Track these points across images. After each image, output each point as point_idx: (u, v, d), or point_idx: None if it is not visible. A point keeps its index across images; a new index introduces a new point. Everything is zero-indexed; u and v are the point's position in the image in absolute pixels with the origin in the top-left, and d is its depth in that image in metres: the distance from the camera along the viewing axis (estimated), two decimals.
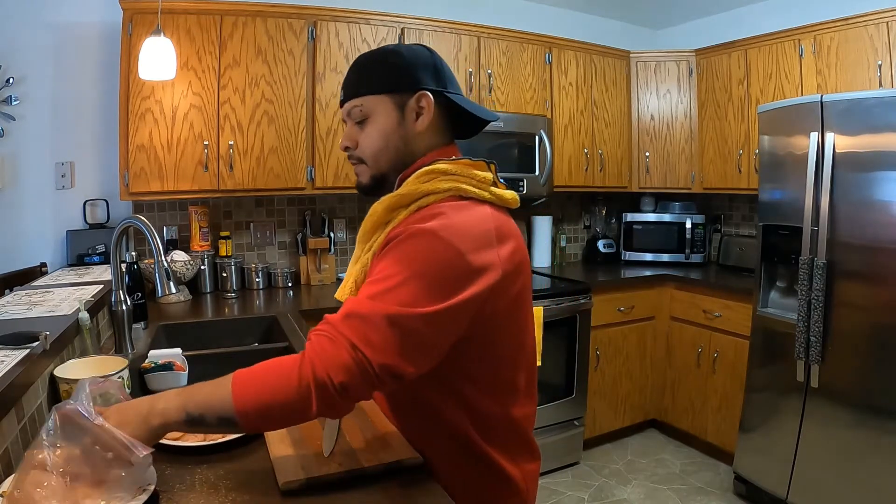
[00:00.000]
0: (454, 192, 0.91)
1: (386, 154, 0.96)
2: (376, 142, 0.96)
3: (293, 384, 0.77)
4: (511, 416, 0.96)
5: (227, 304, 2.46)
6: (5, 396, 0.87)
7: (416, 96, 0.95)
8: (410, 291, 0.80)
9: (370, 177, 0.99)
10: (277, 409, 0.78)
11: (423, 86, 0.96)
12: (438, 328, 0.82)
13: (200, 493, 0.84)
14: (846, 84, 2.63)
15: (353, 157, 1.00)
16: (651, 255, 3.57)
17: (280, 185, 2.57)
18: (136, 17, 2.27)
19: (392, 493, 0.86)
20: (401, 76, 0.95)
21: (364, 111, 0.96)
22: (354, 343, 0.77)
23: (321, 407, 0.78)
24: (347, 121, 1.00)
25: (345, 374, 0.77)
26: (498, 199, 0.95)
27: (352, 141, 0.99)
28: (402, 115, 0.95)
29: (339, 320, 0.80)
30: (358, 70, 0.98)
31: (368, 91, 0.95)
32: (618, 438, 3.27)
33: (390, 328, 0.78)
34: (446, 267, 0.82)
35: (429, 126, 0.97)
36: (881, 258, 2.09)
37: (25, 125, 2.43)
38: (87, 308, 1.42)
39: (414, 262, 0.82)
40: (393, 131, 0.95)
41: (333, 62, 2.62)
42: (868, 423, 2.13)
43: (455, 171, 0.93)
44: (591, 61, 3.33)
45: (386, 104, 0.95)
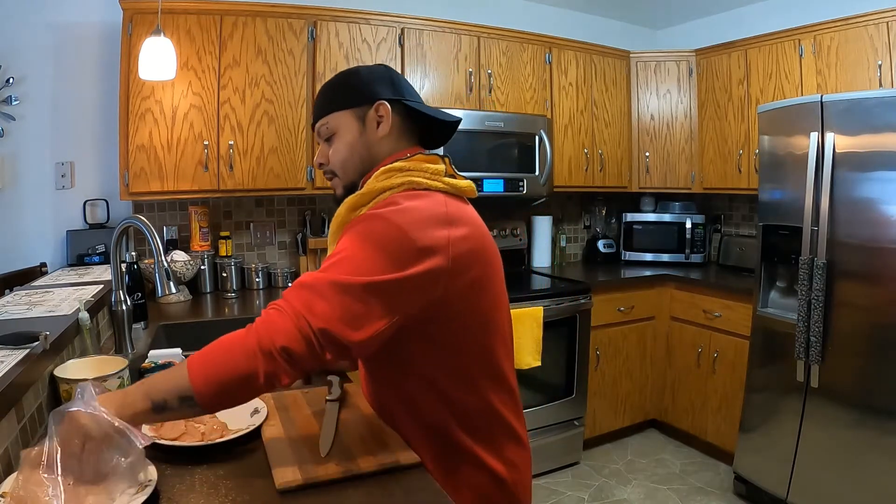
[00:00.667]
0: (408, 186, 0.96)
1: (352, 163, 1.04)
2: (343, 153, 1.04)
3: (240, 355, 0.81)
4: (490, 405, 1.00)
5: (227, 304, 2.46)
6: (5, 396, 0.87)
7: (374, 106, 1.02)
8: (356, 263, 0.85)
9: (342, 187, 1.06)
10: (229, 380, 0.81)
11: (380, 96, 1.02)
12: (381, 299, 0.85)
13: (200, 493, 0.84)
14: (846, 84, 2.63)
15: (328, 172, 1.08)
16: (651, 255, 3.57)
17: (280, 185, 2.57)
18: (136, 17, 2.27)
19: (390, 493, 0.86)
20: (359, 91, 1.03)
21: (330, 128, 1.04)
22: (298, 310, 0.83)
23: (268, 374, 0.81)
24: (319, 141, 1.08)
25: (287, 339, 0.81)
26: (452, 187, 1.00)
27: (324, 157, 1.07)
28: (364, 126, 1.03)
29: (289, 292, 0.86)
30: (323, 93, 1.07)
31: (332, 109, 1.04)
32: (618, 438, 3.27)
33: (334, 295, 0.83)
34: (392, 243, 0.86)
35: (389, 132, 1.03)
36: (881, 258, 2.09)
37: (25, 125, 2.43)
38: (87, 308, 1.42)
39: (362, 239, 0.88)
40: (356, 141, 1.03)
41: (333, 62, 2.62)
42: (868, 423, 2.13)
43: (409, 167, 0.99)
44: (591, 61, 3.33)
45: (348, 118, 1.03)
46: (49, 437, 0.76)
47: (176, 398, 0.81)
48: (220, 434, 1.00)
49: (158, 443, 0.95)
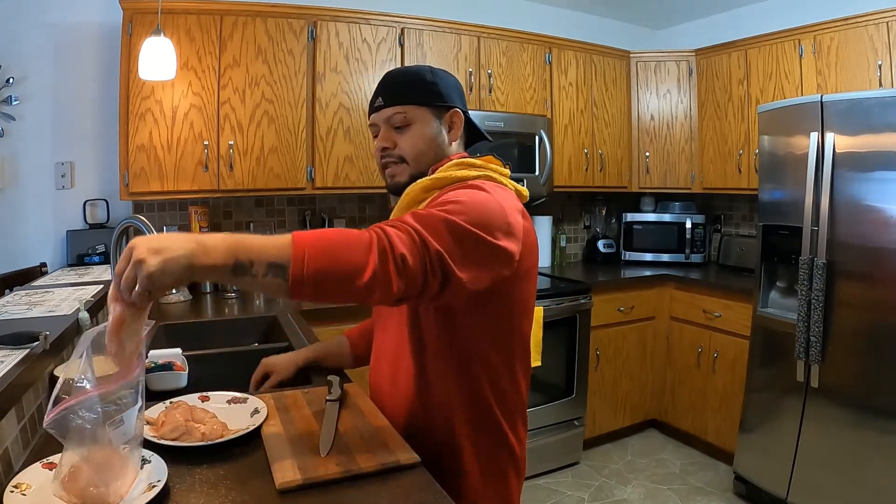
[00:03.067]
0: (484, 178, 1.04)
1: (427, 156, 1.09)
2: (420, 145, 1.08)
3: (355, 244, 0.79)
4: (519, 387, 1.09)
5: (227, 304, 2.46)
6: (5, 396, 0.88)
7: (450, 112, 1.11)
8: (464, 215, 0.88)
9: (410, 175, 1.09)
10: (334, 264, 0.77)
11: (456, 105, 1.12)
12: (482, 253, 0.90)
13: (200, 493, 0.84)
14: (846, 84, 2.63)
15: (392, 157, 1.10)
16: (651, 255, 3.57)
17: (280, 185, 2.57)
18: (136, 18, 2.27)
19: (390, 493, 0.86)
20: (440, 94, 1.10)
21: (407, 118, 1.08)
22: (417, 229, 0.84)
23: (376, 274, 0.78)
24: (382, 125, 1.10)
25: (406, 249, 0.81)
26: (515, 190, 1.10)
27: (391, 143, 1.09)
28: (440, 127, 1.10)
29: (403, 218, 0.87)
30: (399, 82, 1.10)
31: (411, 102, 1.08)
32: (618, 438, 3.27)
33: (447, 231, 0.86)
34: (491, 212, 0.92)
35: (457, 138, 1.14)
36: (881, 258, 2.09)
37: (25, 125, 2.43)
38: (87, 308, 1.42)
39: (467, 198, 0.93)
40: (433, 138, 1.09)
41: (333, 62, 2.62)
42: (868, 423, 2.13)
43: (482, 164, 1.08)
44: (591, 61, 3.33)
45: (427, 114, 1.09)
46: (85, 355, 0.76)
47: (265, 263, 0.75)
48: (220, 434, 1.00)
49: (158, 443, 0.95)
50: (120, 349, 0.80)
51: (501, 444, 1.07)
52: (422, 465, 0.94)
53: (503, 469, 1.08)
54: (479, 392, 1.04)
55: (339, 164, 2.66)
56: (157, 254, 0.73)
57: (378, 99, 1.10)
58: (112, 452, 0.77)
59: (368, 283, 0.78)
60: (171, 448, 0.95)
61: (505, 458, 1.08)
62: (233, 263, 0.75)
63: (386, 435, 1.01)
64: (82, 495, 0.76)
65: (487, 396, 1.04)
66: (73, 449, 0.75)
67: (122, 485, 0.78)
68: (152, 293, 0.76)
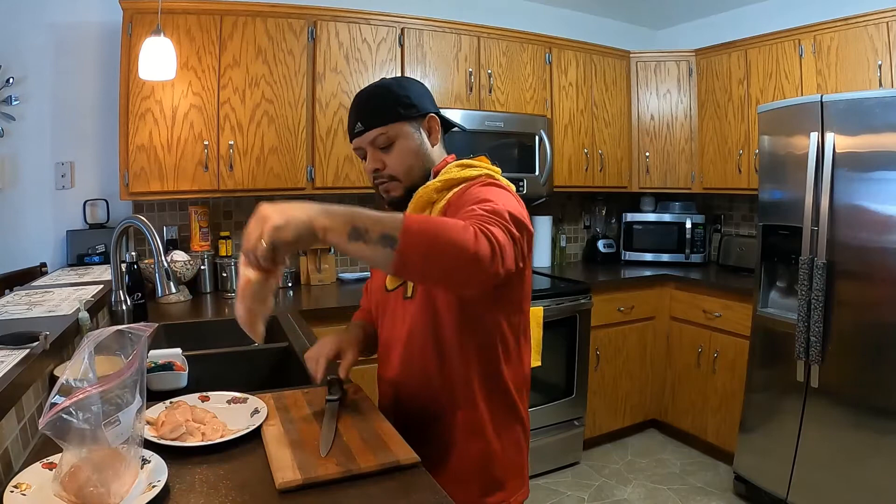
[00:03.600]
0: (485, 177, 1.12)
1: (417, 168, 1.15)
2: (409, 159, 1.14)
3: (461, 223, 0.85)
4: (525, 366, 1.18)
5: (227, 304, 2.46)
6: (5, 396, 0.88)
7: (426, 119, 1.17)
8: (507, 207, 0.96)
9: (404, 189, 1.15)
10: (444, 232, 0.83)
11: (430, 110, 1.17)
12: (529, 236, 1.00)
13: (200, 493, 0.84)
14: (846, 84, 2.63)
15: (383, 177, 1.15)
16: (651, 255, 3.57)
17: (280, 185, 2.57)
18: (136, 17, 2.27)
19: (390, 493, 0.86)
20: (413, 105, 1.14)
21: (390, 137, 1.13)
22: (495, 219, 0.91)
23: (485, 242, 0.84)
24: (367, 148, 1.15)
25: (499, 232, 0.88)
26: (508, 187, 1.15)
27: (380, 163, 1.14)
28: (421, 136, 1.16)
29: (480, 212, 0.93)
30: (372, 103, 1.14)
31: (389, 120, 1.12)
32: (618, 438, 3.27)
33: (510, 219, 0.93)
34: (516, 206, 1.00)
35: (437, 141, 1.20)
36: (881, 258, 2.09)
37: (25, 125, 2.43)
38: (87, 308, 1.42)
39: (495, 196, 1.01)
40: (417, 149, 1.15)
41: (333, 62, 2.62)
42: (868, 423, 2.13)
43: (479, 164, 1.16)
44: (591, 61, 3.33)
45: (407, 128, 1.14)
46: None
47: (378, 232, 0.81)
48: (220, 434, 1.00)
49: (158, 443, 0.95)
50: (247, 314, 0.92)
51: (515, 417, 1.17)
52: (422, 465, 0.94)
53: (517, 440, 1.18)
54: (496, 368, 1.12)
55: (339, 164, 2.66)
56: (281, 212, 0.81)
57: (357, 125, 1.14)
58: (112, 452, 0.77)
59: (477, 249, 0.83)
60: (171, 448, 0.95)
61: (519, 430, 1.18)
62: (350, 228, 0.82)
63: (386, 435, 1.01)
64: (82, 495, 0.76)
65: (503, 371, 1.13)
66: (71, 449, 0.75)
67: (122, 485, 0.78)
68: (276, 252, 0.82)
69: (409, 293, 1.13)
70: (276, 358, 1.73)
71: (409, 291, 1.13)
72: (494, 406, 1.13)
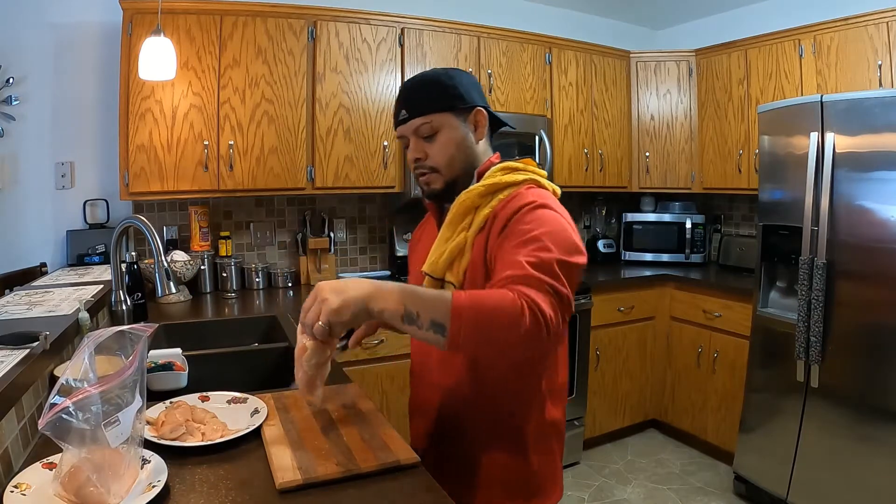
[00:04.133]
0: (530, 182, 1.10)
1: (459, 161, 1.12)
2: (451, 151, 1.11)
3: (508, 299, 0.86)
4: (559, 371, 1.14)
5: (227, 304, 2.46)
6: (5, 396, 0.88)
7: (473, 112, 1.14)
8: (556, 248, 0.95)
9: (444, 182, 1.13)
10: (493, 318, 0.85)
11: (478, 103, 1.14)
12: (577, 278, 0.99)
13: (200, 493, 0.84)
14: (846, 84, 2.63)
15: (424, 167, 1.13)
16: (651, 255, 3.57)
17: (280, 185, 2.57)
18: (136, 17, 2.27)
19: (390, 493, 0.86)
20: (461, 96, 1.12)
21: (433, 126, 1.10)
22: (545, 281, 0.90)
23: (532, 321, 0.85)
24: (411, 137, 1.13)
25: (546, 304, 0.88)
26: (553, 192, 1.14)
27: (422, 153, 1.12)
28: (466, 129, 1.13)
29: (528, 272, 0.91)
30: (419, 91, 1.12)
31: (435, 110, 1.10)
32: (618, 438, 3.27)
33: (560, 270, 0.93)
34: (567, 235, 0.99)
35: (483, 136, 1.17)
36: (881, 258, 2.09)
37: (25, 125, 2.44)
38: (87, 308, 1.42)
39: (546, 228, 0.98)
40: (461, 142, 1.12)
41: (333, 62, 2.62)
42: (868, 423, 2.13)
43: (524, 168, 1.13)
44: (591, 61, 3.33)
45: (452, 119, 1.11)
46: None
47: (429, 319, 0.85)
48: (220, 434, 1.00)
49: (158, 443, 0.95)
50: (305, 378, 0.94)
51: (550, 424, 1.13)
52: (422, 464, 0.94)
53: (551, 448, 1.14)
54: (534, 379, 1.10)
55: (339, 163, 2.66)
56: (338, 293, 0.86)
57: (402, 112, 1.12)
58: (112, 452, 0.77)
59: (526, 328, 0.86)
60: (171, 448, 0.95)
61: (553, 438, 1.15)
62: (403, 311, 0.86)
63: (386, 435, 1.01)
64: (82, 495, 0.76)
65: (541, 381, 1.10)
66: (71, 449, 0.75)
67: (122, 485, 0.78)
68: (332, 328, 0.86)
69: None
70: (276, 358, 1.72)
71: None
72: (529, 414, 1.10)
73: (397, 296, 0.87)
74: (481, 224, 1.06)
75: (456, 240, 1.08)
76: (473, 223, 1.08)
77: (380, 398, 2.40)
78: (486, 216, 1.06)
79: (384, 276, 3.08)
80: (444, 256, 1.08)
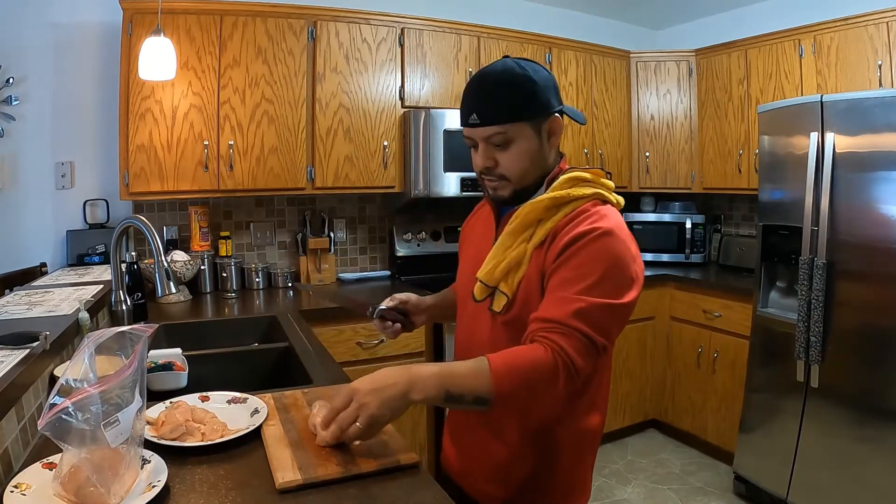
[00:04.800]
0: (597, 196, 1.08)
1: (532, 172, 1.07)
2: (523, 163, 1.06)
3: (542, 355, 0.91)
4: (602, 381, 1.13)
5: (227, 304, 2.46)
6: (5, 396, 0.88)
7: (549, 119, 1.06)
8: (606, 287, 0.96)
9: (513, 191, 1.08)
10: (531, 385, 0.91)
11: (555, 108, 1.06)
12: (623, 319, 1.00)
13: (200, 493, 0.84)
14: (846, 84, 2.63)
15: (493, 175, 1.08)
16: (651, 255, 3.56)
17: (280, 185, 2.57)
18: (136, 18, 2.27)
19: (390, 493, 0.86)
20: (538, 103, 1.04)
21: (507, 137, 1.04)
22: (585, 332, 0.93)
23: (565, 378, 0.91)
24: (481, 143, 1.06)
25: (582, 356, 0.92)
26: (618, 203, 1.13)
27: (492, 161, 1.06)
28: (541, 138, 1.06)
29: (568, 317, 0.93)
30: (495, 95, 1.03)
31: (510, 119, 1.02)
32: (618, 438, 3.27)
33: (606, 315, 0.95)
34: (623, 270, 0.98)
35: (557, 144, 1.12)
36: (881, 258, 2.09)
37: (25, 125, 2.43)
38: (87, 308, 1.42)
39: (604, 259, 0.97)
40: (535, 153, 1.06)
41: (333, 62, 2.62)
42: (868, 422, 2.13)
43: (592, 179, 1.10)
44: (591, 61, 3.33)
45: (527, 129, 1.04)
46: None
47: (473, 396, 0.90)
48: (220, 434, 1.00)
49: (158, 443, 0.95)
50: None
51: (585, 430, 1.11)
52: (420, 465, 0.94)
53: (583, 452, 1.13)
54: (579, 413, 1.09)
55: (339, 163, 2.66)
56: (376, 393, 0.88)
57: (472, 115, 1.04)
58: (112, 452, 0.77)
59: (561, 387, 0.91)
60: (171, 448, 0.95)
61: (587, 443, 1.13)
62: (445, 395, 0.90)
63: (386, 435, 1.01)
64: (82, 495, 0.76)
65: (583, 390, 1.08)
66: (71, 449, 0.75)
67: (122, 485, 0.78)
68: (372, 430, 0.90)
69: (498, 308, 1.07)
70: (276, 358, 1.73)
71: (498, 307, 1.07)
72: (568, 422, 1.08)
73: (435, 381, 0.90)
74: (542, 238, 1.04)
75: (516, 250, 1.06)
76: (535, 236, 1.05)
77: None
78: (548, 230, 1.04)
79: (384, 276, 3.08)
80: (502, 266, 1.06)
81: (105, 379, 0.79)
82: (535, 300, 1.01)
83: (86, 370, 0.78)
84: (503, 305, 1.06)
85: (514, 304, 1.05)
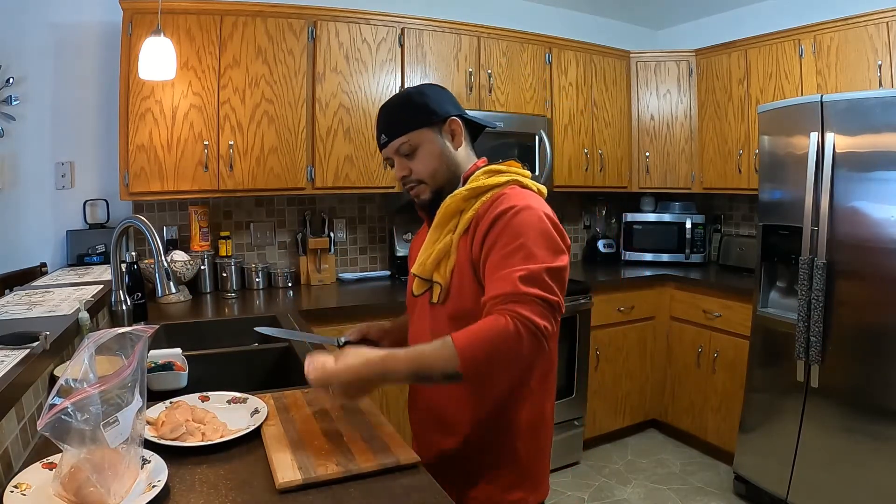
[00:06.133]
0: (513, 183, 1.14)
1: (441, 171, 1.18)
2: (432, 164, 1.17)
3: (503, 323, 0.95)
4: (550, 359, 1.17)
5: (227, 304, 2.46)
6: (5, 396, 0.88)
7: (447, 122, 1.18)
8: (541, 253, 1.02)
9: (431, 192, 1.19)
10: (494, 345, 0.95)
11: (451, 113, 1.18)
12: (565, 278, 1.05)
13: (200, 493, 0.84)
14: (846, 84, 2.63)
15: (411, 181, 1.20)
16: (651, 255, 3.57)
17: (280, 185, 2.57)
18: (136, 18, 2.27)
19: (390, 493, 0.86)
20: (433, 111, 1.17)
21: (412, 144, 1.16)
22: (535, 294, 0.98)
23: (530, 339, 0.95)
24: (394, 157, 1.19)
25: (539, 316, 0.97)
26: (539, 192, 1.18)
27: (406, 170, 1.19)
28: (443, 140, 1.18)
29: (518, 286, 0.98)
30: (394, 114, 1.18)
31: (410, 129, 1.16)
32: (618, 438, 3.27)
33: (550, 278, 1.00)
34: (548, 236, 1.05)
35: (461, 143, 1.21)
36: (881, 258, 2.09)
37: (25, 125, 2.43)
38: (87, 308, 1.42)
39: (527, 233, 1.04)
40: (441, 153, 1.17)
41: (333, 62, 2.62)
42: (868, 422, 2.13)
43: (507, 170, 1.18)
44: (591, 61, 3.33)
45: (429, 134, 1.16)
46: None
47: (441, 374, 0.96)
48: (220, 434, 1.00)
49: (158, 443, 0.95)
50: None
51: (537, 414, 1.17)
52: (422, 464, 0.94)
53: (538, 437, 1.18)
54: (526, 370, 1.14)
55: (339, 163, 2.66)
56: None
57: (382, 136, 1.19)
58: (111, 452, 0.77)
59: (527, 349, 0.96)
60: (171, 448, 0.95)
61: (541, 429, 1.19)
62: (414, 376, 1.00)
63: (386, 435, 1.01)
64: (82, 495, 0.76)
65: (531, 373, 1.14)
66: (71, 449, 0.75)
67: (122, 485, 0.78)
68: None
69: (435, 299, 1.14)
70: (276, 358, 1.73)
71: (435, 297, 1.15)
72: (522, 407, 1.14)
73: (405, 365, 0.98)
74: (465, 226, 1.12)
75: (442, 242, 1.14)
76: (458, 226, 1.13)
77: (379, 398, 2.40)
78: (469, 218, 1.12)
79: (384, 276, 3.08)
80: (432, 258, 1.15)
81: (105, 379, 0.79)
82: (468, 288, 1.09)
83: (86, 370, 0.78)
84: (439, 295, 1.14)
85: (449, 293, 1.12)
